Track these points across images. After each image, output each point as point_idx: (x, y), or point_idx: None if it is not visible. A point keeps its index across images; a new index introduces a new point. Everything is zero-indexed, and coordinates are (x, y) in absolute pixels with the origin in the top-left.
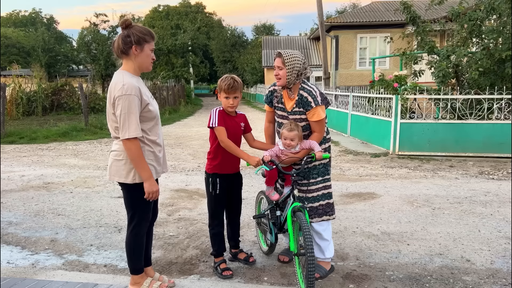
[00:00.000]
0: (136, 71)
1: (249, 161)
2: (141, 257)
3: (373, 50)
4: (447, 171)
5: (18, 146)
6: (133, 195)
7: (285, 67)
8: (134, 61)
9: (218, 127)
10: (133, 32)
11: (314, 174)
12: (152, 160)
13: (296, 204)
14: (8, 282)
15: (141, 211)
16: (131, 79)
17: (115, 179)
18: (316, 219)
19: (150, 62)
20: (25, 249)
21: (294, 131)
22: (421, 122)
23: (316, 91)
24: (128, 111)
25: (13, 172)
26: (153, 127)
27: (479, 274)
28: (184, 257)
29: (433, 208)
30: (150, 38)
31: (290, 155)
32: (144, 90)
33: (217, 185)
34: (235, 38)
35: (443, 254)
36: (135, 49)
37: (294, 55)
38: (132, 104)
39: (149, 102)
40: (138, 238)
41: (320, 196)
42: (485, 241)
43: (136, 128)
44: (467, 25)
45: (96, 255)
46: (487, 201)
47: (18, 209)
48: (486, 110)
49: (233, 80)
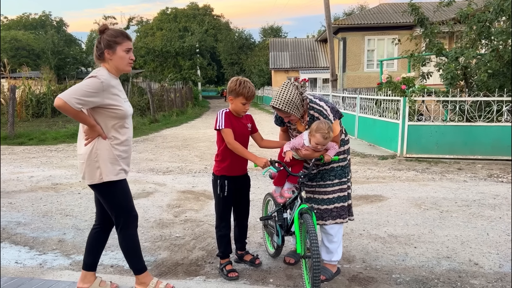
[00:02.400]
0: (114, 72)
1: (256, 162)
2: (139, 255)
3: (381, 52)
4: (455, 173)
5: (27, 147)
6: (106, 196)
7: (291, 113)
8: (110, 64)
9: (225, 129)
10: (103, 37)
11: (331, 175)
12: (120, 158)
13: (304, 206)
14: (16, 282)
15: (122, 212)
16: (107, 74)
17: (85, 182)
18: (330, 221)
19: (126, 63)
20: (33, 249)
21: (328, 139)
22: (429, 124)
23: (327, 108)
24: (81, 86)
25: (22, 173)
26: (122, 126)
27: (487, 278)
28: (190, 258)
29: (441, 211)
30: (123, 39)
31: (310, 151)
32: (118, 90)
33: (225, 187)
34: (243, 41)
35: (451, 257)
36: (107, 53)
37: (289, 97)
38: (91, 84)
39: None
40: (129, 239)
41: (336, 198)
42: (493, 244)
43: (77, 97)
44: (476, 27)
45: (103, 255)
46: (496, 204)
47: (27, 209)
48: (495, 113)
49: (253, 88)
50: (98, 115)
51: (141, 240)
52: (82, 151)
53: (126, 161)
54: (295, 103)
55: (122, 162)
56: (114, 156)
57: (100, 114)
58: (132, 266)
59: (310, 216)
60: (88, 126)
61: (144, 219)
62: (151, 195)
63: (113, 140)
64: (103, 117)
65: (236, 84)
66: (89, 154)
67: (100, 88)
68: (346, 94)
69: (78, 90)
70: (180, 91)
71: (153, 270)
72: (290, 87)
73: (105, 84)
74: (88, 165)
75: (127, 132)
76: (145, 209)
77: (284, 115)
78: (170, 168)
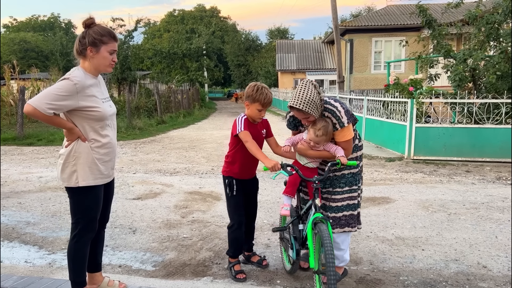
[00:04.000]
0: (92, 71)
1: (265, 162)
2: (83, 268)
3: (388, 53)
4: (463, 176)
5: (36, 147)
6: (76, 199)
7: (311, 113)
8: (90, 62)
9: (244, 131)
10: (90, 33)
11: (341, 182)
12: (101, 162)
13: (318, 215)
14: (26, 281)
15: (84, 219)
16: (82, 75)
17: (61, 184)
18: (338, 230)
19: (107, 64)
20: (43, 248)
21: (322, 137)
22: (437, 126)
23: (341, 110)
24: (52, 89)
25: (31, 173)
26: (103, 128)
27: (496, 281)
28: (197, 259)
29: (449, 213)
30: (109, 39)
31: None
32: (95, 90)
33: (233, 185)
34: (249, 42)
35: (459, 260)
36: (90, 50)
37: (309, 97)
38: (63, 87)
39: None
40: (79, 248)
41: (345, 206)
42: (502, 247)
43: (47, 103)
44: (485, 29)
45: (111, 255)
46: (505, 207)
47: (36, 209)
48: (504, 115)
49: (271, 95)
50: (75, 118)
51: (149, 241)
52: (62, 151)
53: (108, 165)
54: (316, 103)
55: (103, 165)
56: (93, 160)
57: (77, 117)
58: (72, 277)
59: (326, 227)
60: (66, 129)
61: (151, 219)
62: (159, 195)
63: (93, 143)
64: (81, 120)
65: (253, 90)
66: (67, 156)
67: (74, 91)
68: (353, 96)
69: (49, 95)
70: (187, 92)
71: (160, 270)
72: (309, 86)
73: (78, 86)
74: (66, 167)
75: (108, 135)
76: (152, 209)
77: (303, 116)
78: (177, 169)
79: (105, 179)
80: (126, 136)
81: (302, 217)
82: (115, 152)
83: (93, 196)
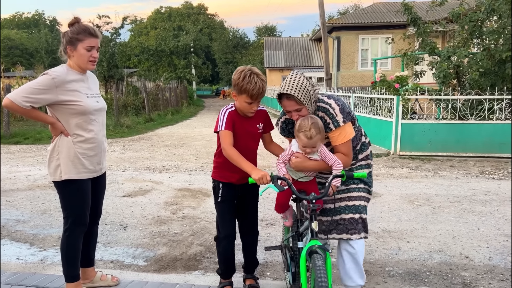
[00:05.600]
0: (76, 68)
1: (251, 173)
2: (76, 262)
3: (375, 51)
4: (448, 170)
5: (23, 146)
6: (63, 193)
7: (304, 105)
8: (72, 61)
9: (223, 131)
10: (67, 33)
11: (355, 179)
12: (84, 156)
13: (315, 243)
14: (18, 277)
15: (74, 212)
16: (63, 71)
17: (49, 178)
18: (356, 236)
19: (86, 61)
20: (34, 245)
21: (314, 137)
22: (422, 122)
23: (335, 107)
24: (31, 83)
25: (19, 172)
26: (84, 123)
27: (477, 270)
28: (188, 254)
29: (433, 207)
30: (85, 36)
31: (302, 157)
32: (78, 86)
33: (219, 190)
34: (237, 40)
35: (442, 250)
36: (69, 49)
37: (302, 84)
38: (41, 81)
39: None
40: (71, 242)
41: (362, 207)
42: (484, 238)
43: (25, 96)
44: (468, 26)
45: (103, 251)
46: (487, 200)
47: (25, 207)
48: (486, 111)
49: (262, 83)
50: (57, 113)
51: (140, 237)
52: (49, 147)
53: (94, 159)
54: (309, 93)
55: (86, 160)
56: (75, 154)
57: (59, 111)
58: (65, 271)
59: (323, 259)
60: (48, 124)
61: (142, 216)
62: (148, 192)
63: (75, 138)
64: (63, 114)
65: (240, 78)
66: (52, 150)
67: (52, 85)
68: (340, 93)
69: (27, 89)
70: (175, 90)
71: (152, 265)
72: (299, 75)
73: (57, 81)
74: (51, 161)
75: (93, 130)
76: (142, 206)
77: (295, 108)
78: (167, 166)
79: (90, 173)
80: (114, 134)
81: (302, 233)
82: (102, 148)
83: (78, 190)
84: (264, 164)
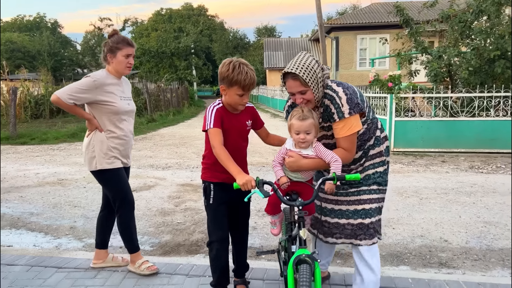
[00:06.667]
0: (114, 73)
1: (236, 178)
2: (133, 236)
3: (373, 50)
4: (439, 165)
5: (30, 146)
6: (101, 180)
7: (310, 87)
8: (111, 66)
9: (213, 129)
10: (108, 42)
11: (368, 181)
12: (116, 150)
13: (303, 252)
14: (37, 259)
15: (117, 196)
16: (103, 75)
17: (87, 168)
18: (366, 241)
19: (124, 67)
20: (48, 234)
21: (308, 119)
22: (415, 120)
23: (342, 96)
24: (75, 84)
25: (28, 170)
26: (116, 122)
27: (454, 252)
28: (190, 240)
29: (421, 198)
30: (124, 45)
31: (296, 156)
32: (114, 89)
33: (210, 191)
34: (237, 40)
35: (424, 236)
36: (109, 57)
37: (309, 65)
38: (84, 82)
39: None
40: (123, 221)
41: (373, 210)
42: (464, 225)
43: (69, 94)
44: (458, 27)
45: (112, 239)
46: (472, 192)
47: (37, 202)
48: (477, 108)
49: (253, 74)
50: (94, 110)
51: (146, 226)
52: (84, 141)
53: (123, 153)
54: (316, 75)
55: (117, 153)
56: (108, 147)
57: (96, 109)
58: (125, 245)
59: (311, 270)
60: (85, 119)
61: (147, 208)
62: (152, 188)
63: (108, 134)
64: (99, 112)
65: (229, 69)
66: (88, 144)
67: (92, 86)
68: None
69: (72, 88)
70: (176, 91)
71: (158, 250)
72: (307, 56)
73: (97, 83)
74: (86, 154)
75: (124, 128)
76: (147, 200)
77: (300, 89)
78: (169, 164)
79: (120, 164)
80: None
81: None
82: (130, 144)
83: (114, 177)
84: (263, 161)
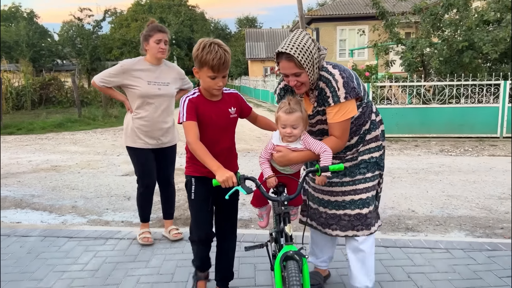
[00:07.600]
0: (150, 60)
1: (216, 173)
2: (144, 211)
3: (352, 41)
4: (412, 149)
5: (18, 136)
6: (129, 156)
7: (304, 69)
8: (148, 53)
9: (187, 122)
10: (143, 32)
11: (361, 168)
12: (139, 131)
13: (290, 248)
14: (49, 231)
15: (137, 174)
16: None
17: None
18: (363, 232)
19: (156, 52)
20: (53, 212)
21: (295, 112)
22: (390, 107)
23: (338, 80)
24: (108, 69)
25: (20, 158)
26: (142, 104)
27: (419, 219)
28: (186, 215)
29: (393, 177)
30: (155, 32)
31: (284, 150)
32: (143, 74)
33: (192, 186)
34: (219, 31)
35: (394, 207)
36: (145, 44)
37: (305, 45)
38: (114, 68)
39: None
40: (138, 196)
41: (370, 199)
42: (430, 198)
43: (101, 78)
44: (429, 19)
45: (113, 215)
46: (440, 171)
47: (36, 185)
48: (447, 96)
49: (225, 53)
50: (126, 93)
51: None
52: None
53: (148, 134)
54: (312, 55)
55: (141, 133)
56: (133, 127)
57: (127, 92)
58: (139, 215)
59: (299, 266)
60: (120, 101)
61: None
62: None
63: (135, 115)
64: (129, 95)
65: (199, 49)
66: (124, 122)
67: (119, 71)
68: None
69: (104, 72)
70: None
71: (156, 223)
72: (304, 34)
73: (124, 68)
74: (124, 131)
75: (149, 110)
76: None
77: (294, 71)
78: None
79: (145, 145)
80: (103, 124)
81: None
82: (157, 126)
83: (136, 155)
84: (248, 147)
